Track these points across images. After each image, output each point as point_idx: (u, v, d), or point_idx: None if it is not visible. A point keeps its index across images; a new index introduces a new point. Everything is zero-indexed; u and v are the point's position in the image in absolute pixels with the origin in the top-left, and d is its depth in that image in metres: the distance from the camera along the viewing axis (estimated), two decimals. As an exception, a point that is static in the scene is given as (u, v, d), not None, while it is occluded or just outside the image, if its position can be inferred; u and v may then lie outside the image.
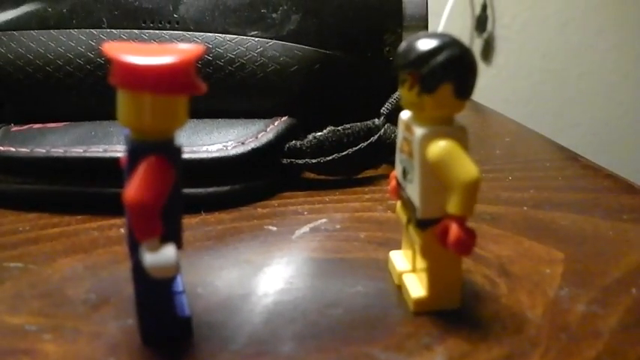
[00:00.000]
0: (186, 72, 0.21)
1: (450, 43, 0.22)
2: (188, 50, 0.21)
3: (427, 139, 0.23)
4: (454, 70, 0.22)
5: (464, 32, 1.42)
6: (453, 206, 0.22)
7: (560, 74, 1.44)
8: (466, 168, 0.22)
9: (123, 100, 0.21)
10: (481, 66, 1.46)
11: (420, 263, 0.25)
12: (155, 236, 0.21)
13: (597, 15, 1.42)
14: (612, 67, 1.42)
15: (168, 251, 0.21)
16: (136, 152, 0.21)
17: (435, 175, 0.23)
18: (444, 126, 0.23)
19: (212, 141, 0.35)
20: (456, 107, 0.23)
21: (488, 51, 1.45)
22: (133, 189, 0.20)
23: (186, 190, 0.23)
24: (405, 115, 0.25)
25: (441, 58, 0.22)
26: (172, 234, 0.22)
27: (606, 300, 0.26)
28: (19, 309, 0.25)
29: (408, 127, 0.24)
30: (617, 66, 1.42)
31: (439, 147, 0.23)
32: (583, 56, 1.44)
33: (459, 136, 0.23)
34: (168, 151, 0.22)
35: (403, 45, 0.23)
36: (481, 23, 1.42)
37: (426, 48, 0.22)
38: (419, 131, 0.23)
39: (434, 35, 0.23)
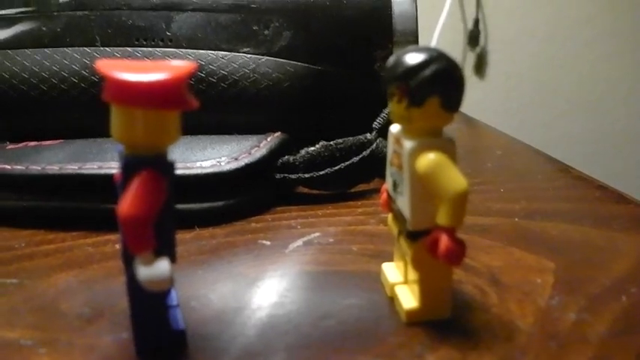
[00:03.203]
0: (178, 88, 0.21)
1: (437, 57, 0.23)
2: (180, 67, 0.21)
3: (416, 152, 0.23)
4: (442, 83, 0.23)
5: (456, 47, 1.43)
6: (442, 217, 0.23)
7: (551, 86, 1.45)
8: (455, 180, 0.22)
9: (116, 116, 0.21)
10: (474, 80, 1.47)
11: (412, 275, 0.26)
12: (149, 250, 0.21)
13: (586, 27, 1.43)
14: (602, 77, 1.43)
15: (162, 265, 0.21)
16: (129, 167, 0.22)
17: (425, 187, 0.23)
18: (433, 138, 0.24)
19: (206, 157, 0.36)
20: (444, 120, 0.23)
21: (480, 65, 1.46)
22: (126, 203, 0.21)
23: (180, 206, 0.23)
24: (395, 128, 0.25)
25: (428, 71, 0.23)
26: (166, 247, 0.22)
27: (596, 308, 0.26)
28: (14, 323, 0.26)
29: (397, 141, 0.25)
30: (606, 76, 1.43)
31: (428, 159, 0.23)
32: (573, 68, 1.45)
33: (448, 148, 0.23)
34: (161, 165, 0.22)
35: (391, 59, 0.24)
36: (473, 38, 1.43)
37: (414, 62, 0.23)
38: (408, 144, 0.23)
39: (421, 49, 0.23)
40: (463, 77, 0.23)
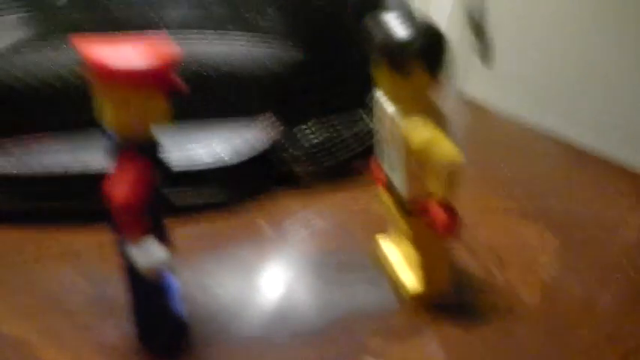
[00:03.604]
0: (164, 69, 0.21)
1: (418, 24, 0.23)
2: (162, 47, 0.21)
3: (410, 128, 0.23)
4: (425, 49, 0.22)
5: (463, 37, 1.43)
6: (436, 188, 0.22)
7: (562, 72, 1.44)
8: (447, 151, 0.22)
9: (102, 100, 0.21)
10: (481, 69, 1.46)
11: (410, 250, 0.25)
12: (142, 235, 0.21)
13: (597, 10, 1.42)
14: (614, 61, 1.42)
15: (157, 249, 0.21)
16: (118, 150, 0.21)
17: (418, 160, 0.23)
18: (425, 114, 0.23)
19: (203, 145, 0.35)
20: (429, 85, 0.23)
21: (488, 54, 1.45)
22: (117, 190, 0.20)
23: (183, 198, 0.23)
24: (384, 101, 0.25)
25: (410, 38, 0.22)
26: (158, 232, 0.22)
27: (602, 281, 0.26)
28: (20, 320, 0.25)
29: (391, 120, 0.24)
30: (618, 60, 1.42)
31: (422, 135, 0.23)
32: (588, 53, 1.44)
33: (441, 122, 0.23)
34: (149, 149, 0.22)
35: (376, 30, 0.23)
36: (480, 28, 1.42)
37: (396, 30, 0.23)
38: (402, 122, 0.23)
39: (403, 17, 0.23)
40: (446, 42, 0.23)
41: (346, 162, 0.37)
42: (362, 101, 0.38)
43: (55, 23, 0.40)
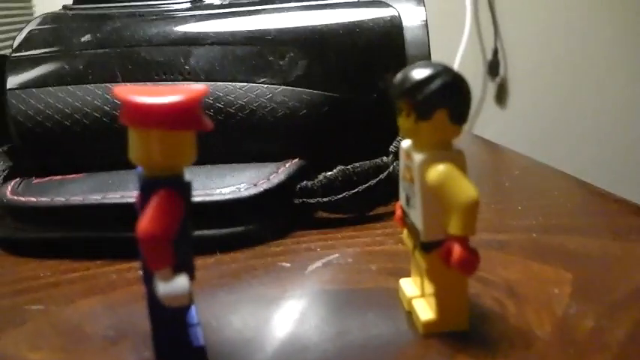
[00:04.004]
0: (192, 109, 0.22)
1: (443, 71, 0.23)
2: (192, 89, 0.22)
3: (426, 164, 0.24)
4: (448, 96, 0.23)
5: (477, 77, 1.43)
6: (454, 227, 0.23)
7: (573, 113, 1.45)
8: (465, 189, 0.23)
9: (133, 139, 0.22)
10: (495, 109, 1.47)
11: (428, 288, 0.26)
12: (167, 266, 0.22)
13: (609, 52, 1.43)
14: (625, 103, 1.43)
15: (181, 280, 0.22)
16: (148, 188, 0.22)
17: (436, 198, 0.24)
18: (442, 150, 0.24)
19: (225, 184, 0.36)
20: (452, 132, 0.24)
21: (502, 94, 1.46)
22: (144, 222, 0.21)
23: (201, 231, 0.24)
24: (405, 143, 0.26)
25: (435, 85, 0.23)
26: (184, 264, 0.23)
27: (615, 315, 0.26)
28: (40, 346, 0.26)
29: (408, 155, 0.25)
30: (629, 102, 1.42)
31: (438, 171, 0.23)
32: (599, 92, 1.45)
33: (457, 159, 0.24)
34: (178, 185, 0.23)
35: (399, 75, 0.24)
36: (493, 68, 1.43)
37: (420, 77, 0.23)
38: (418, 157, 0.24)
39: (428, 64, 0.24)
40: (469, 90, 0.24)
41: (362, 196, 0.38)
42: (386, 149, 0.39)
43: (81, 61, 0.42)
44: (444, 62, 0.24)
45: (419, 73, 0.24)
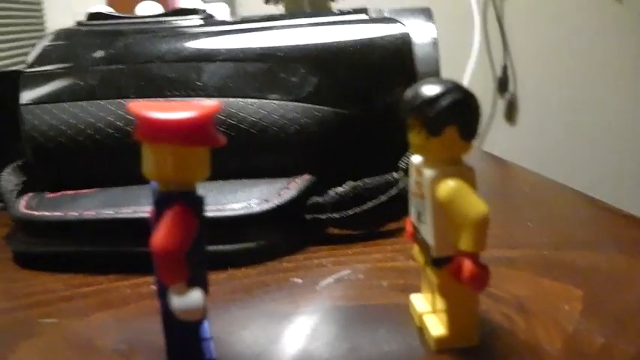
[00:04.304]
0: (205, 124, 0.22)
1: (452, 88, 0.24)
2: (205, 105, 0.23)
3: (436, 180, 0.24)
4: (458, 112, 0.24)
5: (486, 94, 1.44)
6: (464, 243, 0.23)
7: (583, 129, 1.45)
8: (475, 205, 0.23)
9: (147, 154, 0.23)
10: (505, 126, 1.47)
11: (439, 303, 0.26)
12: (181, 280, 0.22)
13: (618, 69, 1.43)
14: (635, 119, 1.43)
15: (195, 294, 0.22)
16: (162, 202, 0.23)
17: (446, 214, 0.24)
18: (452, 166, 0.24)
19: (237, 199, 0.37)
20: (462, 148, 0.24)
21: (511, 111, 1.46)
22: (159, 236, 0.22)
23: (213, 247, 0.24)
24: (416, 159, 0.26)
25: (444, 102, 0.23)
26: (198, 279, 0.23)
27: (625, 331, 0.26)
28: (53, 359, 0.26)
29: (418, 170, 0.25)
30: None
31: (448, 186, 0.24)
32: (607, 109, 1.45)
33: (467, 175, 0.24)
34: (192, 200, 0.23)
35: (409, 91, 0.25)
36: (502, 84, 1.44)
37: (430, 93, 0.24)
38: (428, 172, 0.24)
39: (437, 81, 0.24)
40: (479, 106, 0.24)
41: (372, 212, 0.38)
42: (396, 165, 0.39)
43: (93, 77, 0.42)
44: (454, 79, 0.24)
45: (429, 90, 0.24)
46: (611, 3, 1.43)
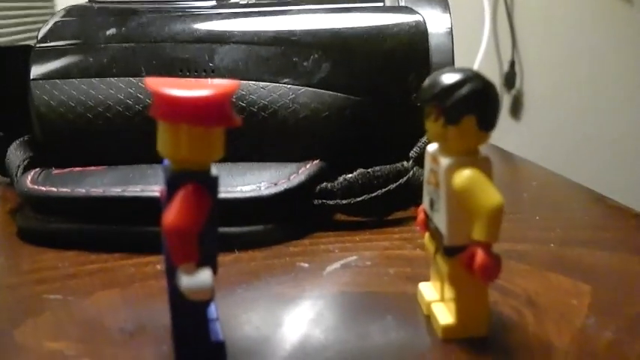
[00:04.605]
0: (222, 105, 0.22)
1: (472, 77, 0.23)
2: (223, 85, 0.22)
3: (452, 168, 0.24)
4: (477, 102, 0.23)
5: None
6: (478, 233, 0.23)
7: (591, 126, 1.44)
8: (490, 195, 0.23)
9: (163, 132, 0.22)
10: (510, 122, 1.47)
11: (448, 293, 0.26)
12: (192, 260, 0.22)
13: (625, 66, 1.43)
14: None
15: (204, 274, 0.22)
16: (174, 181, 0.22)
17: (461, 203, 0.24)
18: (469, 156, 0.24)
19: (246, 182, 0.37)
20: (479, 138, 0.24)
21: (517, 106, 1.46)
22: (171, 215, 0.21)
23: (220, 229, 0.24)
24: (432, 147, 0.26)
25: (464, 90, 0.23)
26: (208, 259, 0.23)
27: (633, 328, 0.26)
28: (59, 336, 0.26)
29: (434, 159, 0.25)
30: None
31: (464, 175, 0.23)
32: (614, 107, 1.44)
33: (483, 165, 0.24)
34: (205, 180, 0.23)
35: (428, 79, 0.24)
36: (509, 80, 1.43)
37: (450, 81, 0.23)
38: (444, 161, 0.24)
39: (457, 70, 0.24)
40: (498, 97, 0.24)
41: (381, 200, 0.38)
42: (406, 154, 0.39)
43: (105, 55, 0.42)
44: (474, 69, 0.24)
45: (449, 78, 0.24)
46: (621, 3, 1.42)
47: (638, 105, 1.44)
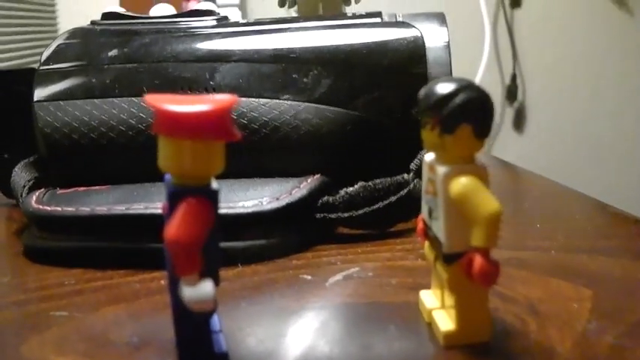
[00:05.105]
0: (221, 119, 0.22)
1: (467, 86, 0.24)
2: (222, 99, 0.23)
3: (449, 177, 0.24)
4: (472, 111, 0.24)
5: (495, 102, 1.44)
6: (476, 239, 0.23)
7: (593, 139, 1.44)
8: (487, 202, 0.23)
9: (164, 147, 0.23)
10: (513, 134, 1.47)
11: (449, 299, 0.26)
12: (194, 272, 0.22)
13: (626, 78, 1.43)
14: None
15: (206, 285, 0.22)
16: (176, 195, 0.23)
17: (459, 210, 0.24)
18: (465, 164, 0.24)
19: (248, 197, 0.37)
20: (475, 146, 0.24)
21: (519, 120, 1.46)
22: (172, 227, 0.22)
23: (223, 244, 0.24)
24: (429, 157, 0.26)
25: (459, 99, 0.24)
26: (210, 272, 0.23)
27: (635, 333, 0.26)
28: (65, 350, 0.27)
29: (431, 168, 0.26)
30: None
31: (461, 183, 0.24)
32: (616, 119, 1.44)
33: (480, 172, 0.24)
34: (207, 193, 0.23)
35: (423, 90, 0.25)
36: (511, 93, 1.44)
37: (445, 91, 0.24)
38: (441, 169, 0.24)
39: (452, 79, 0.24)
40: (493, 105, 0.24)
41: (382, 212, 0.38)
42: (406, 167, 0.39)
43: (108, 75, 0.42)
44: (469, 79, 0.25)
45: (444, 88, 0.24)
46: (621, 14, 1.43)
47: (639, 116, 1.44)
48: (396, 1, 1.12)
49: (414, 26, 0.43)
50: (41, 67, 0.43)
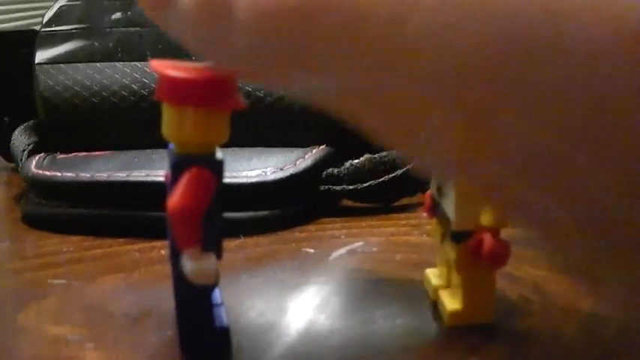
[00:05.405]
0: (226, 86, 0.22)
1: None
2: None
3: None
4: None
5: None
6: (487, 218, 0.23)
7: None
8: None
9: (167, 115, 0.22)
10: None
11: (455, 279, 0.26)
12: (196, 244, 0.22)
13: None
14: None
15: (209, 259, 0.22)
16: (179, 165, 0.22)
17: (469, 187, 0.23)
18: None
19: (251, 167, 0.36)
20: None
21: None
22: (175, 197, 0.21)
23: (226, 215, 0.23)
24: None
25: None
26: (213, 244, 0.22)
27: (641, 313, 0.26)
28: (63, 320, 0.26)
29: None
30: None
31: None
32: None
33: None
34: (210, 163, 0.22)
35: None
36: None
37: None
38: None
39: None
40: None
41: (387, 185, 0.38)
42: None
43: (111, 39, 0.41)
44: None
45: None
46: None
47: None
48: None
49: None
50: (43, 29, 0.43)
